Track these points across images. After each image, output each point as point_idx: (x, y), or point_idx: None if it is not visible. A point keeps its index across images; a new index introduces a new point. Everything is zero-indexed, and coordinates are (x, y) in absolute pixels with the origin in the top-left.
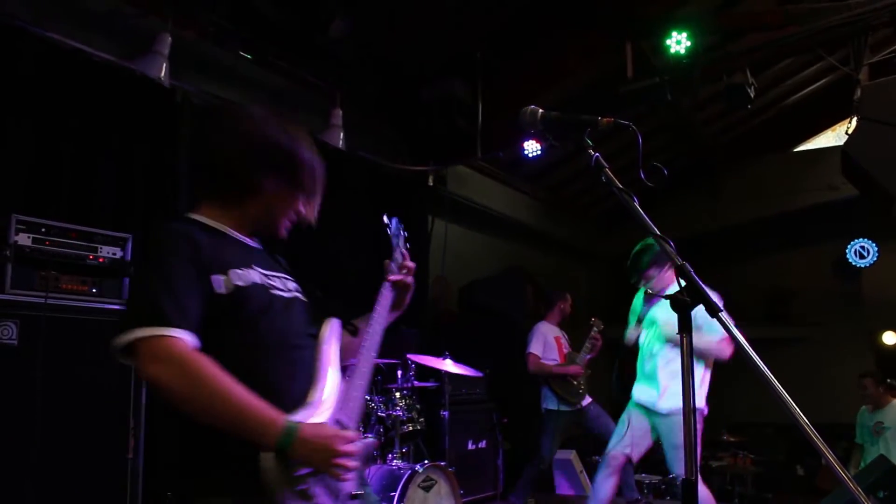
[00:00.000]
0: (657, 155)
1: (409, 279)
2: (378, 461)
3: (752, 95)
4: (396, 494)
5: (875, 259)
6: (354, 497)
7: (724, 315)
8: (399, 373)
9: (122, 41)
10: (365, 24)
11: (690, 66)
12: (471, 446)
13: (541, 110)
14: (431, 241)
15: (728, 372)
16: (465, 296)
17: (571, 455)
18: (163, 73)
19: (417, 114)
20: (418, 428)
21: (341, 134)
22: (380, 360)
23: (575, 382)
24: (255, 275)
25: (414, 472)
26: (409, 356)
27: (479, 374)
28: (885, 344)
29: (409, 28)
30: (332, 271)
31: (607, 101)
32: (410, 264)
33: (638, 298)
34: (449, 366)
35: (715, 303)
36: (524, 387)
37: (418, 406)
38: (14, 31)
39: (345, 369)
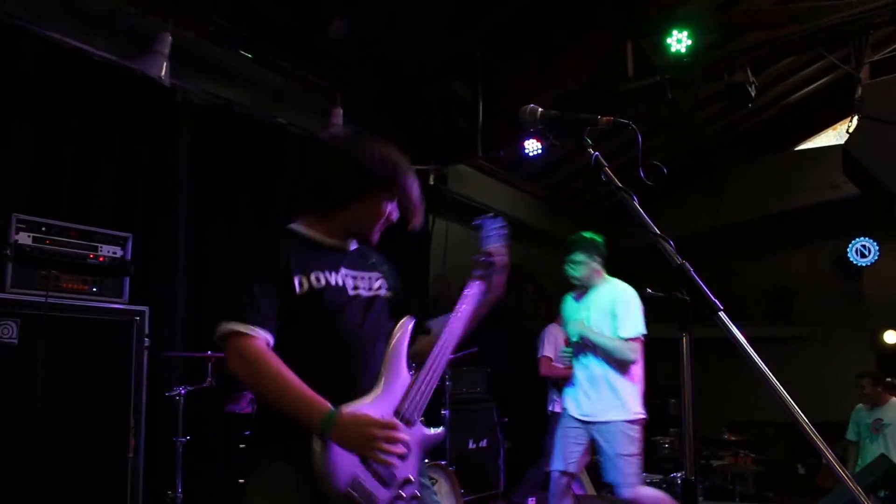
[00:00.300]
0: (657, 154)
1: (496, 261)
2: None
3: (752, 94)
4: None
5: (876, 258)
6: (407, 483)
7: (722, 315)
8: None
9: (122, 41)
10: (365, 24)
11: (691, 64)
12: (471, 445)
13: (540, 109)
14: (432, 241)
15: (728, 371)
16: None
17: None
18: (163, 73)
19: (418, 113)
20: None
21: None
22: None
23: None
24: (336, 277)
25: None
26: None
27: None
28: (886, 343)
29: (410, 27)
30: None
31: (608, 100)
32: (497, 259)
33: (567, 303)
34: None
35: (714, 302)
36: (525, 386)
37: None
38: (14, 30)
39: (416, 366)
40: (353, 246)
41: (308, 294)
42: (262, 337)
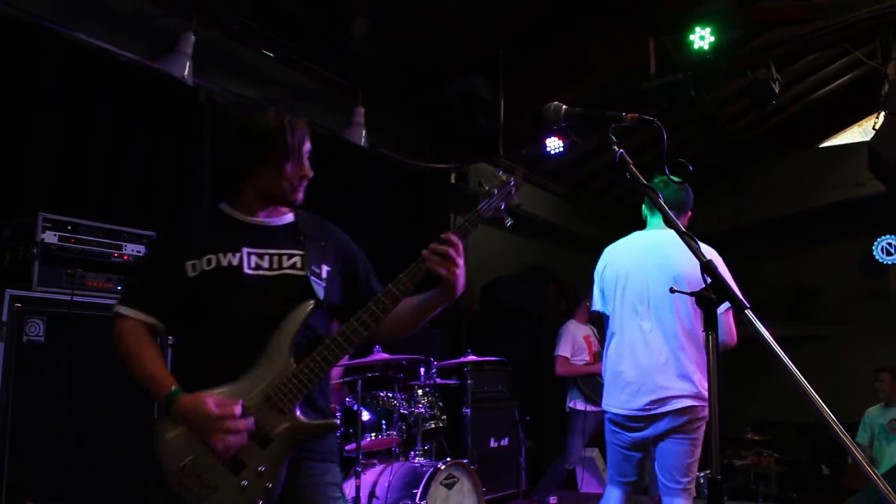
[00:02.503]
0: (680, 152)
1: (441, 269)
2: (401, 458)
3: (776, 91)
4: (419, 492)
5: None
6: (256, 473)
7: (749, 313)
8: (421, 370)
9: (146, 41)
10: (387, 22)
11: (714, 61)
12: (493, 444)
13: (564, 106)
14: None
15: (751, 370)
16: (487, 294)
17: (594, 453)
18: (186, 72)
19: (439, 111)
20: (440, 425)
21: (363, 132)
22: (402, 357)
23: (602, 382)
24: (232, 257)
25: (436, 470)
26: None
27: (498, 359)
28: None
29: (431, 25)
30: None
31: (630, 98)
32: (446, 249)
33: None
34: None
35: (742, 300)
36: (547, 384)
37: (440, 403)
38: (42, 31)
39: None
40: (280, 220)
41: (199, 277)
42: (140, 319)
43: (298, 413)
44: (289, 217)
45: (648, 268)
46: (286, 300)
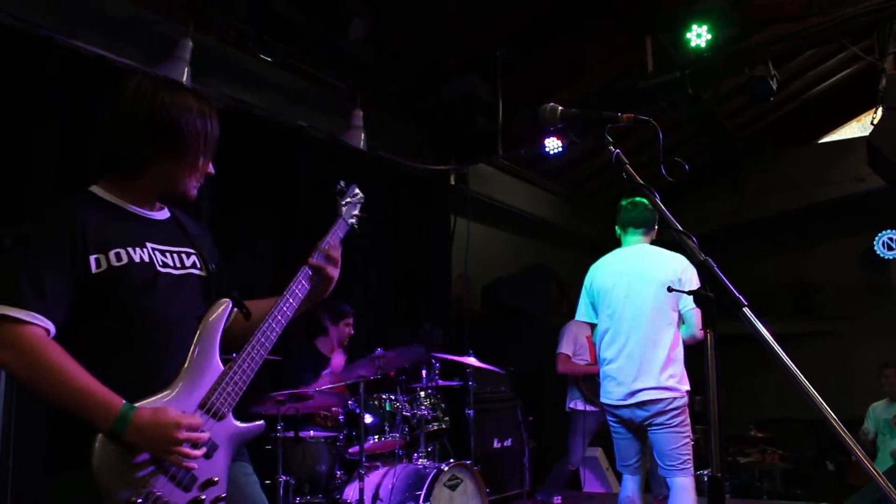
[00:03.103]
0: (679, 149)
1: (330, 268)
2: (404, 460)
3: (774, 88)
4: (422, 493)
5: None
6: (210, 485)
7: (747, 311)
8: (423, 372)
9: (144, 47)
10: (384, 25)
11: (711, 59)
12: (496, 444)
13: (560, 107)
14: (454, 240)
15: (754, 367)
16: (488, 294)
17: (598, 452)
18: (185, 78)
19: (438, 113)
20: (443, 427)
21: (362, 135)
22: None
23: None
24: (141, 252)
25: (440, 471)
26: (434, 354)
27: (502, 371)
28: None
29: (429, 27)
30: (349, 274)
31: (628, 97)
32: (335, 254)
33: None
34: (472, 362)
35: (739, 298)
36: (549, 385)
37: (443, 405)
38: (38, 38)
39: (234, 354)
40: (166, 214)
41: (106, 274)
42: (42, 325)
43: (232, 418)
44: (166, 211)
45: (629, 279)
46: (196, 302)
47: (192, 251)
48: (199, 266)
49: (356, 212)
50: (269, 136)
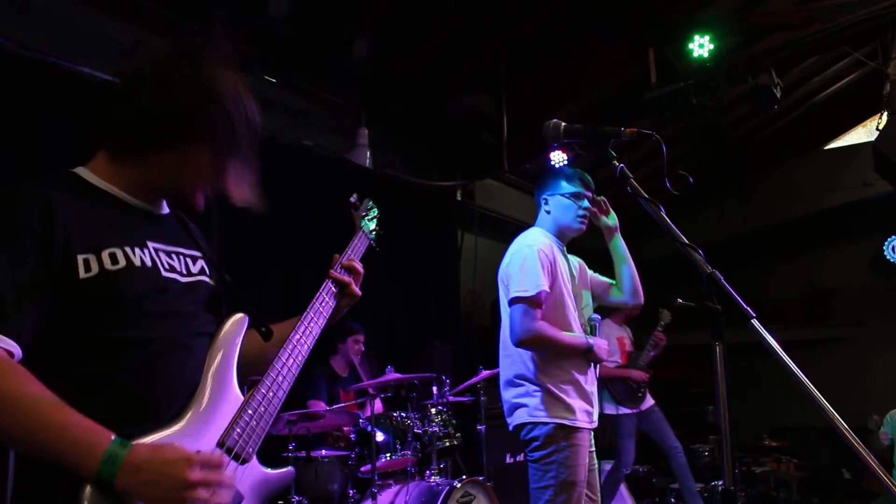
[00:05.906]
0: (685, 159)
1: (351, 282)
2: (416, 478)
3: (778, 95)
4: None
5: None
6: None
7: (755, 322)
8: (434, 388)
9: None
10: (387, 43)
11: (714, 68)
12: (509, 459)
13: (563, 123)
14: (462, 256)
15: (768, 376)
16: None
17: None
18: None
19: (443, 129)
20: (455, 443)
21: (368, 153)
22: (412, 376)
23: (634, 385)
24: (142, 253)
25: (452, 488)
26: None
27: None
28: None
29: (431, 45)
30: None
31: (633, 109)
32: (358, 266)
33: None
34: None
35: (747, 309)
36: None
37: (454, 421)
38: (46, 66)
39: (251, 383)
40: (162, 208)
41: (98, 279)
42: (3, 347)
43: (258, 462)
44: (165, 206)
45: None
46: (207, 316)
47: (198, 254)
48: (207, 273)
49: (374, 227)
50: (275, 156)
